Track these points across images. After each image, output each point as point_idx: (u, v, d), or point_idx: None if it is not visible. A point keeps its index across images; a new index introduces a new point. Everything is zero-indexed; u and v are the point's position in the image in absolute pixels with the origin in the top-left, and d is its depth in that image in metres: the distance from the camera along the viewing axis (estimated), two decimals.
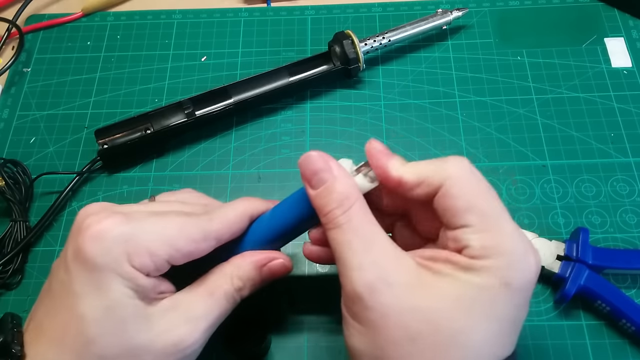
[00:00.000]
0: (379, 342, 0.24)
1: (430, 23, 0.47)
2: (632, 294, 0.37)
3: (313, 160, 0.27)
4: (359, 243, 0.25)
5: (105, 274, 0.25)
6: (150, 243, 0.26)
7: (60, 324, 0.26)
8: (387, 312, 0.24)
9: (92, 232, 0.25)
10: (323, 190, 0.26)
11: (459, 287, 0.24)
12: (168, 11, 0.52)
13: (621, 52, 0.47)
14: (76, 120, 0.46)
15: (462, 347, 0.23)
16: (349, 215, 0.25)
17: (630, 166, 0.42)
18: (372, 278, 0.24)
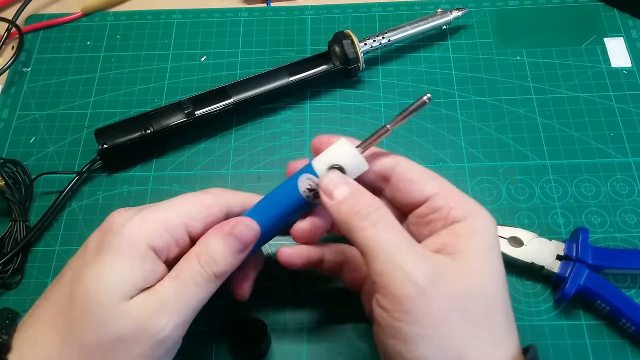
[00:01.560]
0: (446, 339, 0.24)
1: (430, 23, 0.47)
2: (632, 294, 0.37)
3: (333, 177, 0.28)
4: (401, 237, 0.26)
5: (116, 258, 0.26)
6: (166, 219, 0.28)
7: (56, 308, 0.27)
8: (451, 297, 0.25)
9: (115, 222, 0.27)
10: (348, 196, 0.27)
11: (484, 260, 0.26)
12: (168, 11, 0.52)
13: (621, 52, 0.47)
14: (76, 120, 0.46)
15: (505, 310, 0.26)
16: (380, 213, 0.27)
17: (630, 166, 0.42)
18: (430, 268, 0.25)
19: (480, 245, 0.27)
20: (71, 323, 0.26)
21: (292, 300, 0.38)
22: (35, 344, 0.26)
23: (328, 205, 0.28)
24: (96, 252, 0.27)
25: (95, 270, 0.26)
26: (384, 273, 0.25)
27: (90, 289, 0.26)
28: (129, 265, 0.26)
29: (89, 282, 0.26)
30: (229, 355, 0.36)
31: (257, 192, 0.41)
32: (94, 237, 0.28)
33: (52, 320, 0.27)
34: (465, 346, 0.25)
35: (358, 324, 0.37)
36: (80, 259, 0.28)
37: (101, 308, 0.26)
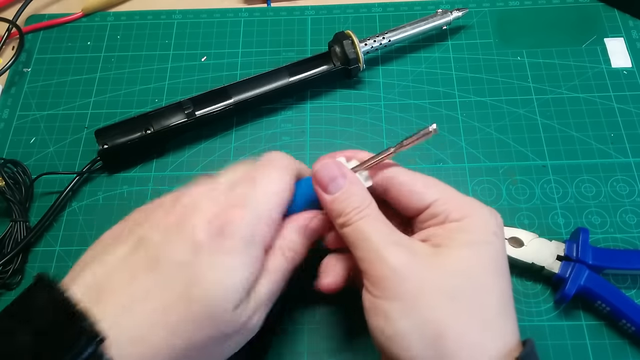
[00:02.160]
0: (422, 312, 0.26)
1: (430, 23, 0.47)
2: (632, 294, 0.37)
3: (329, 168, 0.29)
4: (383, 228, 0.28)
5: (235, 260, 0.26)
6: (271, 212, 0.29)
7: (163, 304, 0.25)
8: (425, 277, 0.26)
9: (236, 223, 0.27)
10: (342, 194, 0.29)
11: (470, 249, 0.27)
12: (168, 11, 0.52)
13: (621, 52, 0.47)
14: (76, 120, 0.46)
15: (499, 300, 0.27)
16: (369, 209, 0.28)
17: (630, 166, 0.42)
18: (403, 251, 0.27)
19: (465, 238, 0.28)
20: (185, 320, 0.25)
21: (292, 300, 0.38)
22: (141, 339, 0.25)
23: (322, 197, 0.29)
24: (212, 251, 0.26)
25: (213, 274, 0.26)
26: (365, 259, 0.27)
27: (209, 295, 0.25)
28: (246, 268, 0.27)
29: (208, 286, 0.25)
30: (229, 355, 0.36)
31: None
32: (202, 230, 0.26)
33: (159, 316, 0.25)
34: (445, 324, 0.25)
35: (358, 324, 0.37)
36: (187, 253, 0.26)
37: (219, 314, 0.26)
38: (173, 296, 0.25)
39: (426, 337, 0.25)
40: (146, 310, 0.25)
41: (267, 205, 0.29)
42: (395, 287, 0.26)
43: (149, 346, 0.25)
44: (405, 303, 0.26)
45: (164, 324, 0.25)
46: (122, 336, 0.24)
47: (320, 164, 0.30)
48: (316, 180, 0.30)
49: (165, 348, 0.25)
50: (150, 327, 0.25)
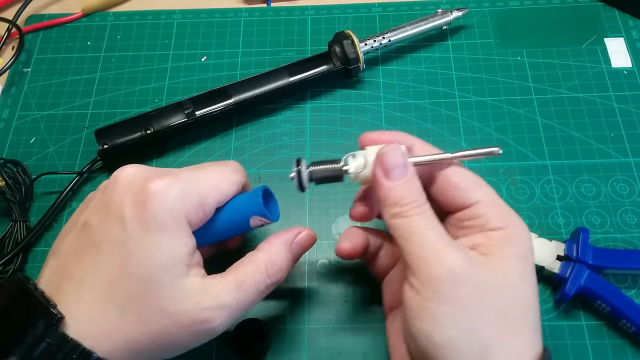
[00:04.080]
0: (474, 321, 0.25)
1: (430, 23, 0.47)
2: (632, 294, 0.37)
3: (396, 155, 0.29)
4: (439, 228, 0.27)
5: (164, 234, 0.27)
6: (202, 194, 0.29)
7: (108, 280, 0.27)
8: (481, 286, 0.26)
9: (156, 195, 0.27)
10: (403, 183, 0.28)
11: (515, 264, 0.27)
12: (168, 11, 0.52)
13: (621, 52, 0.47)
14: (76, 120, 0.46)
15: (534, 316, 0.27)
16: (426, 207, 0.28)
17: (630, 166, 0.42)
18: (462, 255, 0.26)
19: (512, 251, 0.27)
20: (130, 297, 0.27)
21: (292, 300, 0.38)
22: (93, 318, 0.27)
23: (381, 182, 0.28)
24: (140, 226, 0.27)
25: (146, 247, 0.27)
26: (419, 256, 0.26)
27: (146, 266, 0.27)
28: (177, 242, 0.27)
29: (143, 259, 0.27)
30: (229, 355, 0.36)
31: None
32: (128, 207, 0.27)
33: (106, 294, 0.27)
34: (492, 336, 0.25)
35: (358, 324, 0.37)
36: (118, 230, 0.27)
37: (160, 284, 0.27)
38: (115, 274, 0.27)
39: (475, 347, 0.25)
40: (95, 290, 0.27)
41: (198, 187, 0.29)
42: (450, 290, 0.25)
43: (103, 324, 0.26)
44: (457, 309, 0.25)
45: (112, 302, 0.27)
46: (79, 316, 0.26)
47: (388, 147, 0.29)
48: (380, 163, 0.29)
49: (118, 326, 0.26)
50: (101, 307, 0.27)
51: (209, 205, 0.29)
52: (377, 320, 0.37)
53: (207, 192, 0.29)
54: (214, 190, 0.30)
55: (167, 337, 0.27)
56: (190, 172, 0.30)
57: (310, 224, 0.40)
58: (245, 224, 0.31)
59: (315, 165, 0.31)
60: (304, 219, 0.41)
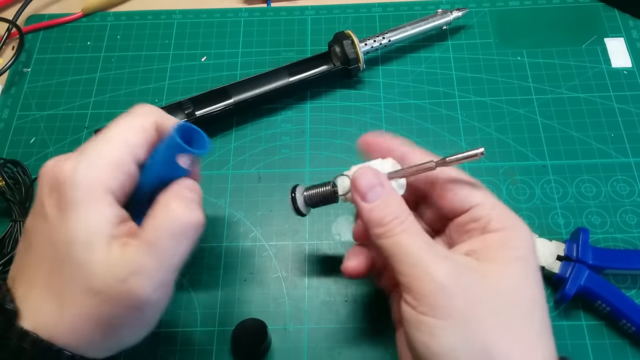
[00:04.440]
0: (471, 330, 0.25)
1: (430, 23, 0.47)
2: (632, 294, 0.37)
3: (367, 176, 0.29)
4: (425, 242, 0.27)
5: (79, 211, 0.26)
6: (110, 156, 0.27)
7: (44, 275, 0.27)
8: (473, 293, 0.25)
9: (63, 174, 0.26)
10: (380, 203, 0.28)
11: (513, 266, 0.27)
12: (168, 11, 0.52)
13: (621, 52, 0.47)
14: (76, 121, 0.46)
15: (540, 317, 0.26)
16: (409, 222, 0.27)
17: (630, 166, 0.42)
18: (451, 266, 0.26)
19: (510, 253, 0.27)
20: (63, 284, 0.26)
21: (292, 300, 0.38)
22: (40, 309, 0.27)
23: (359, 206, 0.29)
24: (58, 211, 0.26)
25: (63, 229, 0.26)
26: (408, 274, 0.26)
27: (67, 248, 0.26)
28: (94, 215, 0.26)
29: (64, 242, 0.26)
30: (229, 355, 0.36)
31: (258, 192, 0.42)
32: (46, 200, 0.27)
33: (46, 286, 0.27)
34: (492, 341, 0.25)
35: (358, 324, 0.37)
36: (43, 224, 0.27)
37: (82, 264, 0.26)
38: (48, 266, 0.27)
39: (475, 353, 0.25)
40: (37, 285, 0.27)
41: (104, 150, 0.27)
42: (443, 303, 0.25)
43: (52, 313, 0.26)
44: (453, 320, 0.25)
45: (52, 291, 0.26)
46: (31, 309, 0.26)
47: (361, 170, 0.29)
48: (355, 187, 0.29)
49: (63, 316, 0.26)
50: (46, 298, 0.26)
51: (125, 163, 0.27)
52: (377, 320, 0.37)
53: (114, 151, 0.27)
54: (121, 145, 0.28)
55: (107, 319, 0.26)
56: (93, 140, 0.28)
57: (310, 224, 0.40)
58: (176, 167, 0.29)
59: (309, 190, 0.32)
60: (304, 219, 0.41)
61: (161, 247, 0.26)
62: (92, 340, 0.27)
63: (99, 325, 0.26)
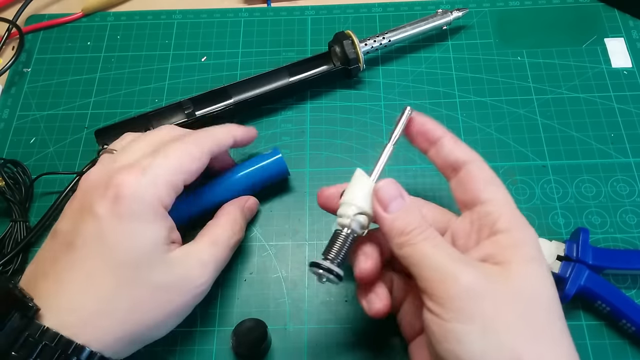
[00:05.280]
0: (499, 334, 0.25)
1: (430, 23, 0.47)
2: (632, 294, 0.37)
3: (389, 187, 0.29)
4: (448, 249, 0.27)
5: (142, 222, 0.30)
6: (169, 178, 0.31)
7: (88, 274, 0.29)
8: (500, 297, 0.26)
9: (125, 187, 0.29)
10: (402, 213, 0.29)
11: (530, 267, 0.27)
12: (168, 11, 0.52)
13: (621, 53, 0.47)
14: (76, 121, 0.46)
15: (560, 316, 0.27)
16: (430, 231, 0.28)
17: (630, 166, 0.42)
18: (475, 271, 0.26)
19: (524, 254, 0.27)
20: (116, 283, 0.29)
21: (292, 300, 0.38)
22: (74, 308, 0.28)
23: (381, 216, 0.29)
24: (116, 219, 0.29)
25: (126, 236, 0.29)
26: (433, 279, 0.26)
27: (131, 252, 0.29)
28: (156, 227, 0.30)
29: (126, 247, 0.29)
30: (229, 355, 0.36)
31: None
32: (99, 205, 0.29)
33: (85, 286, 0.28)
34: (521, 344, 0.25)
35: (358, 324, 0.37)
36: (92, 228, 0.29)
37: (147, 265, 0.29)
38: (94, 267, 0.29)
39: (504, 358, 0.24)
40: (73, 284, 0.29)
41: (165, 172, 0.31)
42: (469, 307, 0.25)
43: (84, 313, 0.28)
44: (480, 325, 0.25)
45: (93, 292, 0.28)
46: (57, 308, 0.28)
47: (382, 182, 0.30)
48: (378, 198, 0.29)
49: (104, 312, 0.28)
50: (81, 298, 0.28)
51: (178, 185, 0.32)
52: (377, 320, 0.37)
53: (174, 175, 0.31)
54: (180, 171, 0.32)
55: (160, 308, 0.30)
56: (152, 158, 0.31)
57: (310, 224, 0.40)
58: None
59: (329, 253, 0.30)
60: (304, 219, 0.41)
61: (222, 250, 0.34)
62: (132, 332, 0.29)
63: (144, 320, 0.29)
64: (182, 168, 0.32)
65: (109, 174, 0.30)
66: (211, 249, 0.33)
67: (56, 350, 0.26)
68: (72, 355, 0.26)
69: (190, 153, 0.33)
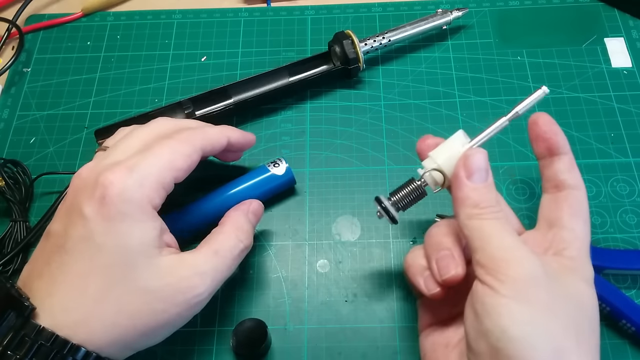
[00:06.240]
0: (551, 323, 0.25)
1: (430, 23, 0.47)
2: (632, 294, 0.37)
3: (480, 158, 0.29)
4: (516, 236, 0.28)
5: (129, 223, 0.28)
6: (158, 176, 0.30)
7: (79, 275, 0.28)
8: (558, 294, 0.26)
9: (112, 187, 0.28)
10: (484, 187, 0.29)
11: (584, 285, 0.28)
12: (168, 11, 0.52)
13: (621, 52, 0.47)
14: (76, 120, 0.46)
15: (598, 335, 0.27)
16: (503, 214, 0.28)
17: (630, 166, 0.42)
18: (540, 262, 0.27)
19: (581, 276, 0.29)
20: (106, 285, 0.28)
21: (292, 300, 0.38)
22: (66, 308, 0.28)
23: (462, 182, 0.29)
24: (104, 220, 0.28)
25: (114, 237, 0.28)
26: (497, 256, 0.27)
27: (119, 254, 0.28)
28: (145, 227, 0.29)
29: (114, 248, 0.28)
30: (229, 355, 0.36)
31: None
32: (87, 205, 0.29)
33: (77, 287, 0.28)
34: (567, 344, 0.25)
35: (358, 324, 0.37)
36: (82, 229, 0.28)
37: (136, 267, 0.28)
38: (85, 268, 0.28)
39: (550, 350, 0.25)
40: (66, 285, 0.28)
41: (154, 170, 0.30)
42: (527, 291, 0.26)
43: (77, 313, 0.28)
44: (536, 310, 0.25)
45: (85, 293, 0.28)
46: (51, 308, 0.28)
47: (475, 150, 0.30)
48: (465, 164, 0.29)
49: (95, 313, 0.28)
50: (74, 298, 0.28)
51: (168, 183, 0.31)
52: (377, 320, 0.37)
53: (163, 172, 0.30)
54: (169, 169, 0.31)
55: (152, 316, 0.29)
56: (141, 156, 0.30)
57: (310, 224, 0.40)
58: None
59: (394, 195, 0.32)
60: (304, 219, 0.41)
61: (223, 259, 0.31)
62: (122, 340, 0.28)
63: (136, 324, 0.28)
64: (172, 165, 0.31)
65: (98, 172, 0.30)
66: (211, 258, 0.31)
67: (52, 349, 0.26)
68: (67, 355, 0.26)
69: (181, 150, 0.32)
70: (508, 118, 0.31)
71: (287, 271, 0.39)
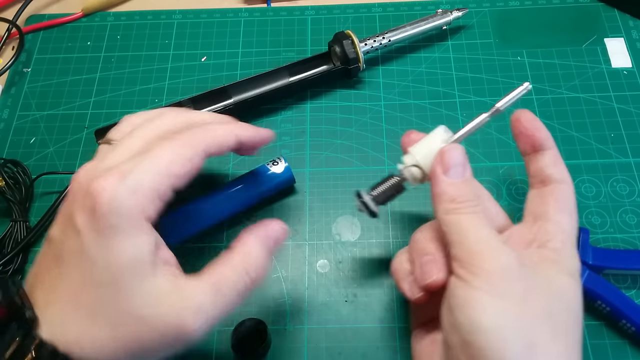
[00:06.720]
0: (524, 317, 0.25)
1: (430, 23, 0.47)
2: (632, 294, 0.37)
3: (457, 154, 0.30)
4: (492, 230, 0.28)
5: (119, 237, 0.26)
6: (153, 183, 0.27)
7: (74, 288, 0.26)
8: (533, 286, 0.26)
9: (101, 197, 0.26)
10: (461, 182, 0.29)
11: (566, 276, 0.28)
12: (168, 11, 0.52)
13: (621, 53, 0.47)
14: (76, 121, 0.46)
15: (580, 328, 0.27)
16: (480, 208, 0.28)
17: (630, 166, 0.42)
18: (515, 255, 0.27)
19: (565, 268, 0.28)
20: (98, 303, 0.26)
21: (292, 300, 0.38)
22: (64, 322, 0.26)
23: (439, 177, 0.29)
24: (94, 233, 0.26)
25: (103, 253, 0.26)
26: (472, 250, 0.27)
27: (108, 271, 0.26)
28: (136, 243, 0.26)
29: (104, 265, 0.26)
30: (229, 355, 0.36)
31: None
32: (79, 216, 0.26)
33: (74, 301, 0.26)
34: (540, 337, 0.25)
35: (358, 324, 0.37)
36: (74, 241, 0.27)
37: (126, 288, 0.26)
38: (80, 282, 0.26)
39: (522, 342, 0.25)
40: (64, 297, 0.26)
41: (149, 176, 0.27)
42: (501, 285, 0.26)
43: (74, 330, 0.26)
44: (509, 303, 0.25)
45: (81, 309, 0.26)
46: (51, 320, 0.26)
47: (450, 146, 0.30)
48: (441, 159, 0.30)
49: (88, 333, 0.26)
50: (71, 312, 0.26)
51: (164, 192, 0.27)
52: (377, 320, 0.37)
53: (159, 179, 0.27)
54: (166, 175, 0.27)
55: (140, 343, 0.26)
56: (137, 161, 0.27)
57: (310, 224, 0.40)
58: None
59: (374, 190, 0.32)
60: (304, 219, 0.41)
61: (223, 297, 0.27)
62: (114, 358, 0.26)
63: (127, 349, 0.26)
64: (170, 171, 0.28)
65: (92, 178, 0.27)
66: (210, 292, 0.27)
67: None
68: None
69: (181, 154, 0.28)
70: (489, 114, 0.31)
71: (287, 271, 0.39)
